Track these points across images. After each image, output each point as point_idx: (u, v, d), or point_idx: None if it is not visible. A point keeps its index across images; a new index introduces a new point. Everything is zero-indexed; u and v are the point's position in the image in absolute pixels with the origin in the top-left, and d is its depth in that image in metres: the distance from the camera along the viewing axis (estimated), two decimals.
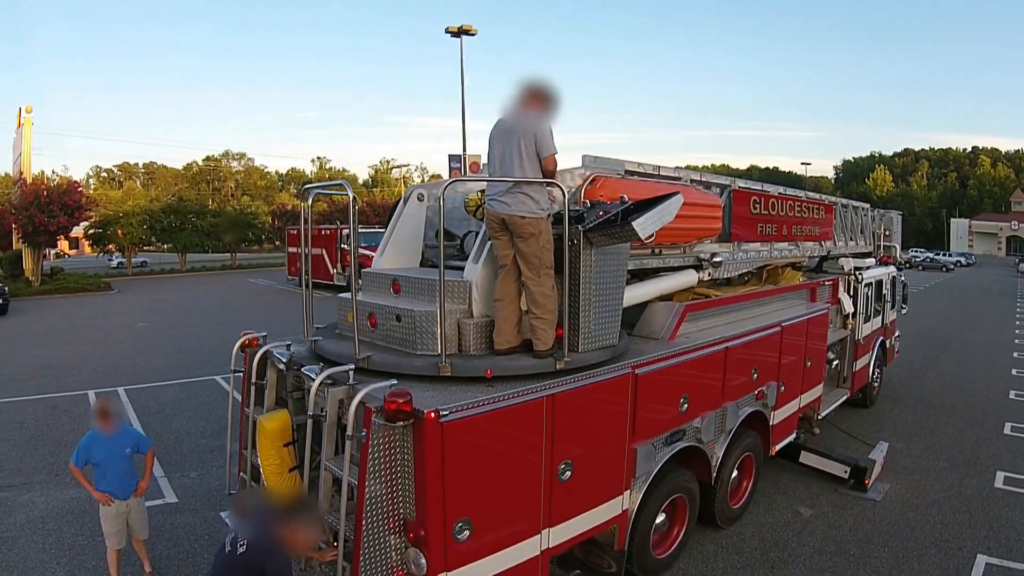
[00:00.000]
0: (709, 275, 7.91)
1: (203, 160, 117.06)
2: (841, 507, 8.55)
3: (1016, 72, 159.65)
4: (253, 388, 6.18)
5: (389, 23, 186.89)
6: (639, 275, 7.26)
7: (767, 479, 8.94)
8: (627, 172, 6.89)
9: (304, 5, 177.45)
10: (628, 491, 5.97)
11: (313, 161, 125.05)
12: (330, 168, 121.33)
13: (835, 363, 10.99)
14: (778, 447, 8.65)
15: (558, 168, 5.55)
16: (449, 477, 4.47)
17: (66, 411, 13.08)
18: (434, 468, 4.42)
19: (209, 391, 14.33)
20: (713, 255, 7.82)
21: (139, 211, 54.68)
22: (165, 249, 58.62)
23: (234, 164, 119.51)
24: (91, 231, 51.22)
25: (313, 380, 5.09)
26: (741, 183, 8.88)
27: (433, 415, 4.38)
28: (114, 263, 58.09)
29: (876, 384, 13.11)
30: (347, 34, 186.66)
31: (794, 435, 9.12)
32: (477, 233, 6.19)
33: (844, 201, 12.56)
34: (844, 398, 11.27)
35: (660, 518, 6.67)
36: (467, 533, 4.61)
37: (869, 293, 11.93)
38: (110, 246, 52.80)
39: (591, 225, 5.26)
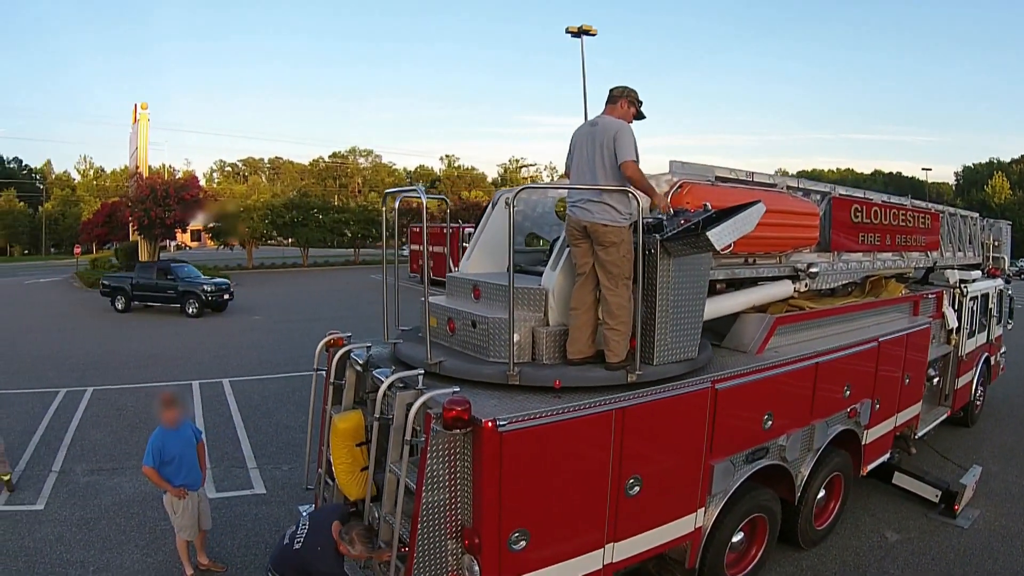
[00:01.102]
0: (806, 286, 7.59)
1: (329, 156, 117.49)
2: (928, 533, 8.10)
3: None
4: (331, 387, 6.27)
5: (521, 23, 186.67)
6: (735, 285, 7.06)
7: (857, 498, 8.54)
8: (718, 179, 6.66)
9: (433, 11, 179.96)
10: (703, 509, 5.79)
11: (442, 159, 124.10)
12: (459, 166, 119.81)
13: (936, 380, 10.38)
14: (870, 467, 8.23)
15: (644, 175, 5.40)
16: (506, 487, 4.44)
17: None
18: (491, 477, 4.39)
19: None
20: (810, 265, 7.50)
21: (260, 206, 55.58)
22: (288, 243, 59.28)
23: (361, 161, 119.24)
24: (211, 225, 52.17)
25: (383, 383, 5.14)
26: (842, 190, 8.50)
27: (490, 424, 4.35)
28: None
29: (978, 402, 12.33)
30: (477, 34, 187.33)
31: (888, 455, 8.68)
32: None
33: (951, 210, 11.85)
34: (944, 416, 10.65)
35: (737, 537, 6.44)
36: (523, 543, 4.56)
37: (974, 307, 11.20)
38: (232, 239, 53.37)
39: (668, 234, 5.11)
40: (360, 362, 5.96)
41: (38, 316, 26.75)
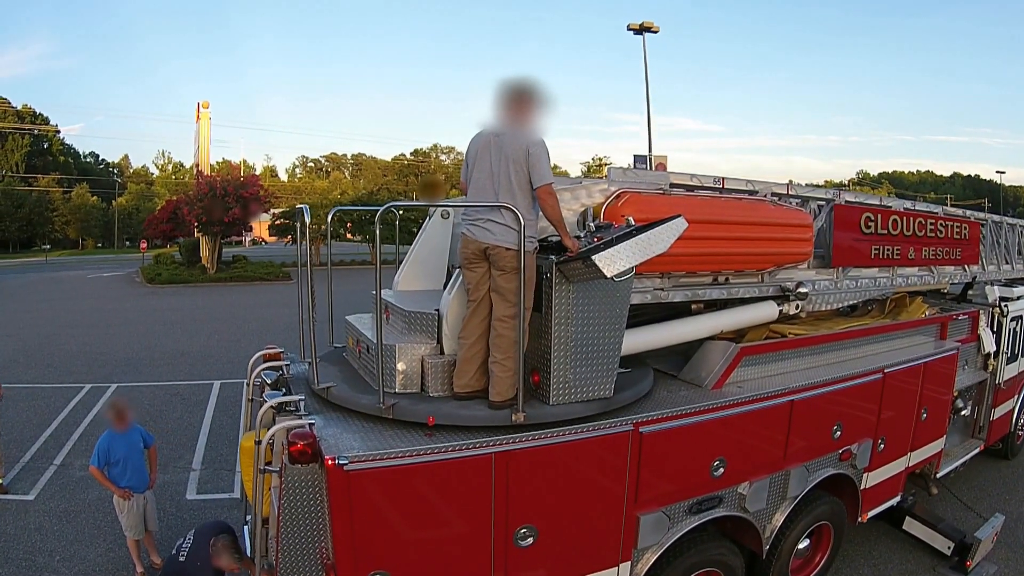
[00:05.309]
0: (798, 307, 6.69)
1: (411, 154, 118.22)
2: None
3: None
4: (250, 404, 5.99)
5: (609, 22, 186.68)
6: (718, 306, 6.34)
7: (862, 545, 7.66)
8: (673, 186, 5.88)
9: (522, 9, 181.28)
10: (628, 563, 5.04)
11: None
12: None
13: (963, 412, 9.08)
14: (871, 514, 7.23)
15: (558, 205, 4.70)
16: (359, 527, 4.04)
17: (184, 399, 13.55)
18: (341, 515, 4.00)
19: None
20: (799, 284, 6.60)
21: (327, 204, 55.87)
22: (359, 240, 59.55)
23: (443, 158, 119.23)
24: (277, 222, 52.66)
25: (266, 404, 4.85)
26: (849, 196, 7.53)
27: (331, 462, 3.93)
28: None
29: (1021, 432, 10.95)
30: (566, 34, 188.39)
31: (899, 498, 7.65)
32: None
33: (996, 218, 10.57)
34: (976, 451, 9.39)
35: None
36: None
37: (1016, 328, 9.86)
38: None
39: (564, 257, 4.43)
40: (268, 382, 5.59)
41: (85, 311, 27.17)
